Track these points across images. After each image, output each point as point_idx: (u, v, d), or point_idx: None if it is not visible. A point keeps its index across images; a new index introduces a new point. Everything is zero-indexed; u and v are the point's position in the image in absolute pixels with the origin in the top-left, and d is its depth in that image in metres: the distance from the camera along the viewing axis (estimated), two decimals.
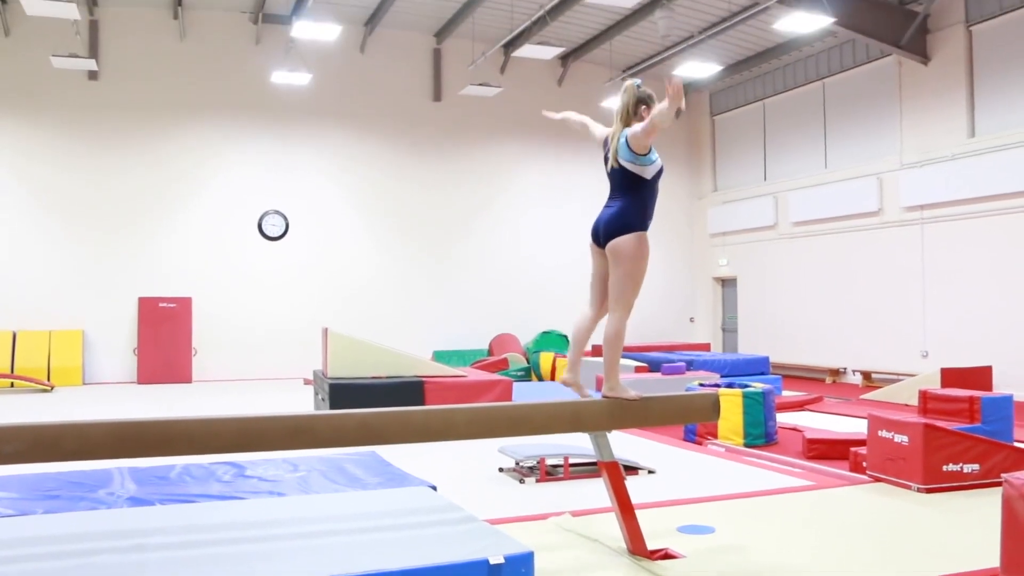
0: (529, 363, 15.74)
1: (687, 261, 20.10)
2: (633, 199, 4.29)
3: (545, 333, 17.31)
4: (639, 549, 4.35)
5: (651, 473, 6.80)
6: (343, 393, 9.42)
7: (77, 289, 15.50)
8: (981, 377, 11.02)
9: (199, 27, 16.31)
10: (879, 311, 15.05)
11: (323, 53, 16.53)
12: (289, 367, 16.15)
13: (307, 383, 14.33)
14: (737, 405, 8.26)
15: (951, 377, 10.65)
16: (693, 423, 8.37)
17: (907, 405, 10.49)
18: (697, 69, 16.31)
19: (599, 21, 16.56)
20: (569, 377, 4.47)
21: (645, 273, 4.30)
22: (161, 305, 15.70)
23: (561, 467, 6.69)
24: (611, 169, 4.38)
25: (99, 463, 5.86)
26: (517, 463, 6.84)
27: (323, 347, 10.18)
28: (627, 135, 4.26)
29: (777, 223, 17.55)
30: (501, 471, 6.94)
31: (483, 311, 18.00)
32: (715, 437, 8.38)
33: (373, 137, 17.57)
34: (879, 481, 6.22)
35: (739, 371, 13.60)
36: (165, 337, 15.61)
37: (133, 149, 15.94)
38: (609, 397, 4.33)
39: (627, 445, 7.99)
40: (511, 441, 6.85)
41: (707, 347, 18.92)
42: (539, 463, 6.60)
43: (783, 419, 9.62)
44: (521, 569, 3.38)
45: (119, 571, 3.23)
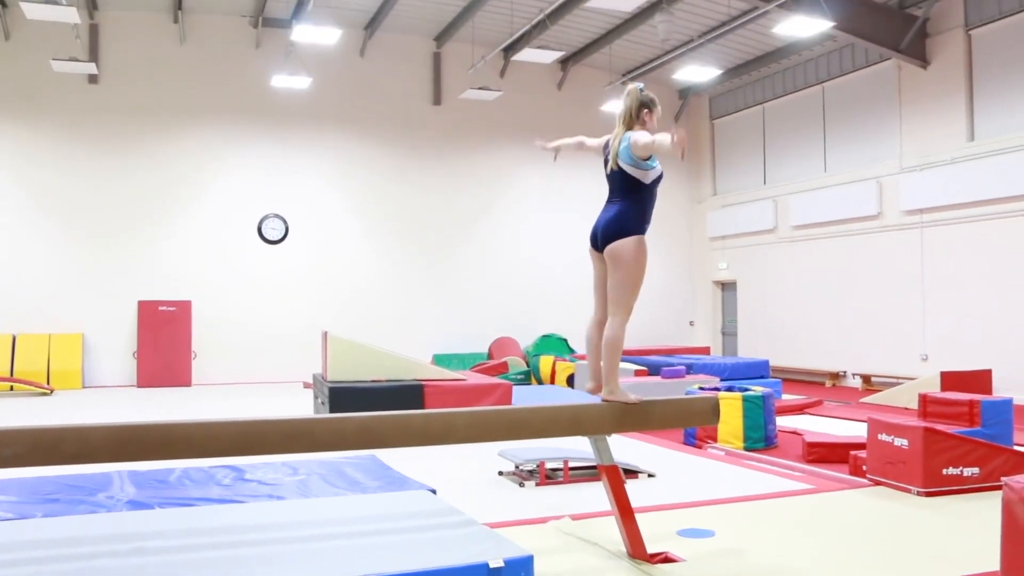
0: (529, 366, 15.74)
1: (687, 265, 20.10)
2: (632, 202, 4.29)
3: (545, 336, 17.30)
4: (639, 553, 4.35)
5: (651, 477, 6.80)
6: (343, 396, 9.42)
7: (77, 292, 15.50)
8: (981, 381, 11.02)
9: (199, 31, 16.33)
10: (879, 315, 15.05)
11: (323, 57, 16.54)
12: (289, 371, 16.14)
13: (307, 387, 14.32)
14: (737, 409, 8.26)
15: (951, 380, 10.64)
16: (693, 427, 8.33)
17: (907, 409, 10.49)
18: (697, 73, 16.34)
19: (599, 25, 16.58)
20: (592, 386, 4.47)
21: (644, 277, 4.30)
22: (161, 308, 15.70)
23: (561, 471, 6.69)
24: (611, 171, 4.38)
25: (98, 467, 5.84)
26: (517, 467, 6.83)
27: (323, 351, 10.18)
28: (629, 139, 4.26)
29: (777, 227, 17.55)
30: (501, 475, 6.94)
31: (483, 314, 18.00)
32: (715, 441, 8.38)
33: (373, 141, 17.58)
34: (879, 485, 6.22)
35: (739, 375, 13.61)
36: (165, 340, 15.60)
37: (133, 153, 15.96)
38: (609, 401, 4.34)
39: (627, 449, 7.99)
40: (511, 445, 6.85)
41: (707, 351, 18.91)
42: (539, 467, 6.60)
43: (783, 423, 9.61)
44: (521, 573, 3.38)
45: (118, 575, 3.22)
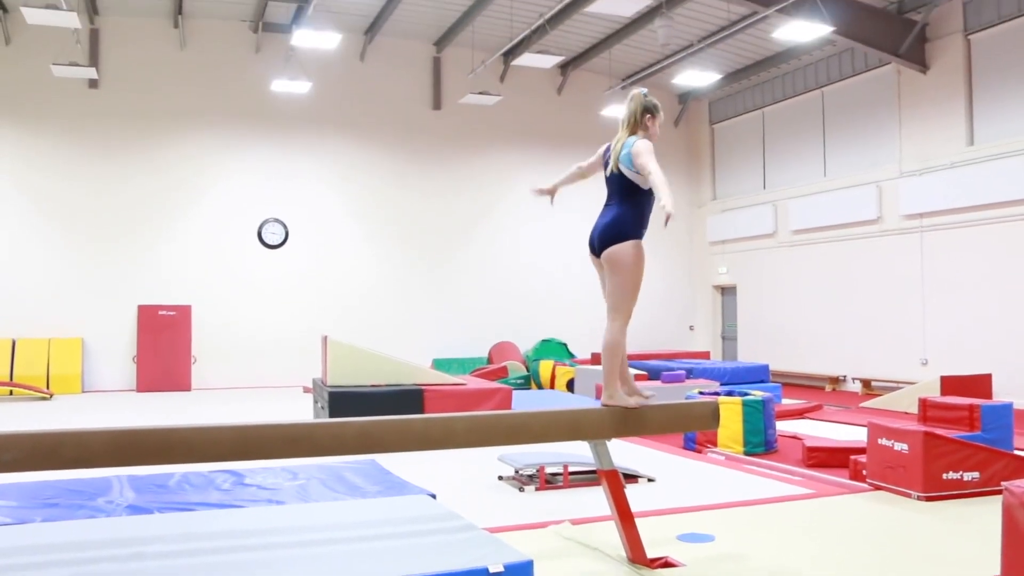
0: (529, 371, 15.74)
1: (686, 269, 20.11)
2: (630, 207, 4.30)
3: (545, 341, 17.30)
4: (639, 557, 4.34)
5: (651, 481, 6.79)
6: (342, 401, 9.41)
7: (77, 297, 15.50)
8: (981, 385, 10.99)
9: (199, 36, 16.36)
10: (879, 319, 15.05)
11: (323, 61, 16.57)
12: (288, 375, 16.12)
13: (306, 391, 14.31)
14: (737, 413, 8.25)
15: (951, 385, 10.62)
16: (693, 431, 8.35)
17: (907, 413, 10.46)
18: (696, 78, 16.37)
19: (599, 30, 16.60)
20: (625, 390, 4.43)
21: (641, 281, 4.30)
22: (160, 313, 15.70)
23: (560, 475, 6.68)
24: (610, 173, 4.39)
25: (98, 471, 5.84)
26: (516, 471, 6.83)
27: (322, 355, 10.17)
28: (631, 146, 4.26)
29: (776, 231, 17.56)
30: (500, 479, 6.93)
31: (483, 319, 17.99)
32: (715, 445, 8.37)
33: (373, 145, 17.59)
34: (879, 489, 6.21)
35: (739, 379, 13.60)
36: (164, 345, 15.60)
37: (133, 157, 15.97)
38: (608, 405, 4.34)
39: (627, 453, 7.98)
40: (510, 449, 6.85)
41: (707, 355, 18.88)
42: (538, 471, 6.60)
43: (783, 427, 9.60)
44: None
45: None
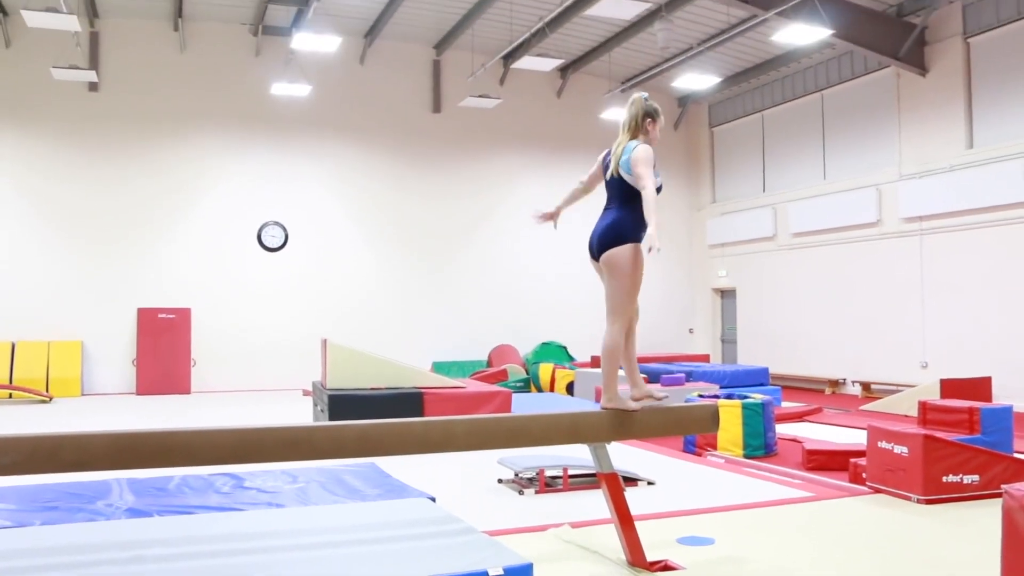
0: (528, 374, 15.73)
1: (686, 272, 20.11)
2: (629, 211, 4.30)
3: (544, 344, 17.29)
4: (638, 561, 4.34)
5: (650, 484, 6.78)
6: (342, 404, 9.40)
7: (76, 300, 15.49)
8: (981, 388, 10.98)
9: (199, 39, 16.37)
10: (878, 322, 15.05)
11: (323, 65, 16.58)
12: (288, 378, 16.13)
13: (306, 394, 14.31)
14: (736, 416, 8.25)
15: (951, 388, 10.62)
16: (692, 434, 8.35)
17: (907, 416, 10.47)
18: (696, 81, 16.38)
19: (598, 33, 16.62)
20: (637, 393, 4.45)
21: (640, 284, 4.30)
22: (160, 316, 15.70)
23: (560, 478, 6.67)
24: (610, 177, 4.39)
25: (97, 474, 5.84)
26: (516, 474, 6.83)
27: (322, 358, 10.17)
28: (631, 151, 4.26)
29: (776, 234, 17.57)
30: (500, 482, 6.92)
31: (482, 322, 17.99)
32: (714, 448, 8.37)
33: (373, 148, 17.60)
34: (879, 492, 6.21)
35: (738, 382, 13.56)
36: (164, 348, 15.60)
37: (133, 160, 15.98)
38: (608, 408, 4.33)
39: (626, 456, 7.98)
40: (510, 452, 6.84)
41: (706, 358, 18.85)
42: (538, 474, 6.59)
43: (782, 430, 9.59)
44: None
45: None
